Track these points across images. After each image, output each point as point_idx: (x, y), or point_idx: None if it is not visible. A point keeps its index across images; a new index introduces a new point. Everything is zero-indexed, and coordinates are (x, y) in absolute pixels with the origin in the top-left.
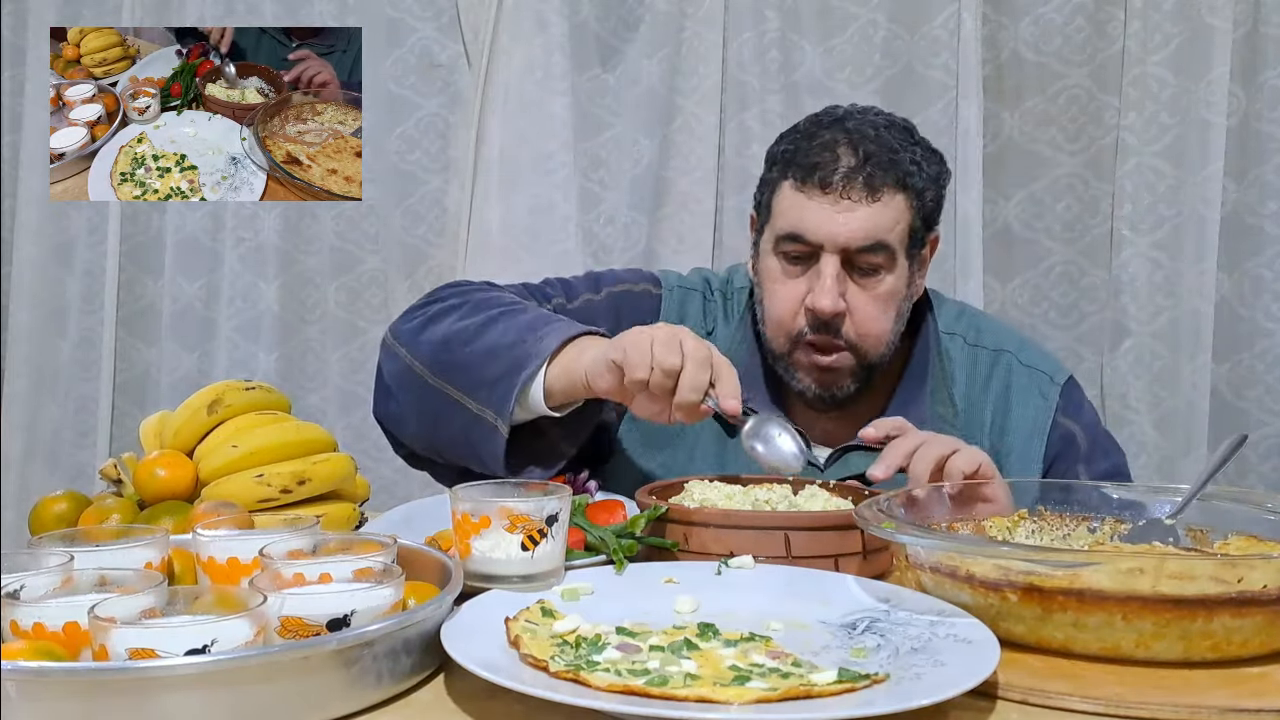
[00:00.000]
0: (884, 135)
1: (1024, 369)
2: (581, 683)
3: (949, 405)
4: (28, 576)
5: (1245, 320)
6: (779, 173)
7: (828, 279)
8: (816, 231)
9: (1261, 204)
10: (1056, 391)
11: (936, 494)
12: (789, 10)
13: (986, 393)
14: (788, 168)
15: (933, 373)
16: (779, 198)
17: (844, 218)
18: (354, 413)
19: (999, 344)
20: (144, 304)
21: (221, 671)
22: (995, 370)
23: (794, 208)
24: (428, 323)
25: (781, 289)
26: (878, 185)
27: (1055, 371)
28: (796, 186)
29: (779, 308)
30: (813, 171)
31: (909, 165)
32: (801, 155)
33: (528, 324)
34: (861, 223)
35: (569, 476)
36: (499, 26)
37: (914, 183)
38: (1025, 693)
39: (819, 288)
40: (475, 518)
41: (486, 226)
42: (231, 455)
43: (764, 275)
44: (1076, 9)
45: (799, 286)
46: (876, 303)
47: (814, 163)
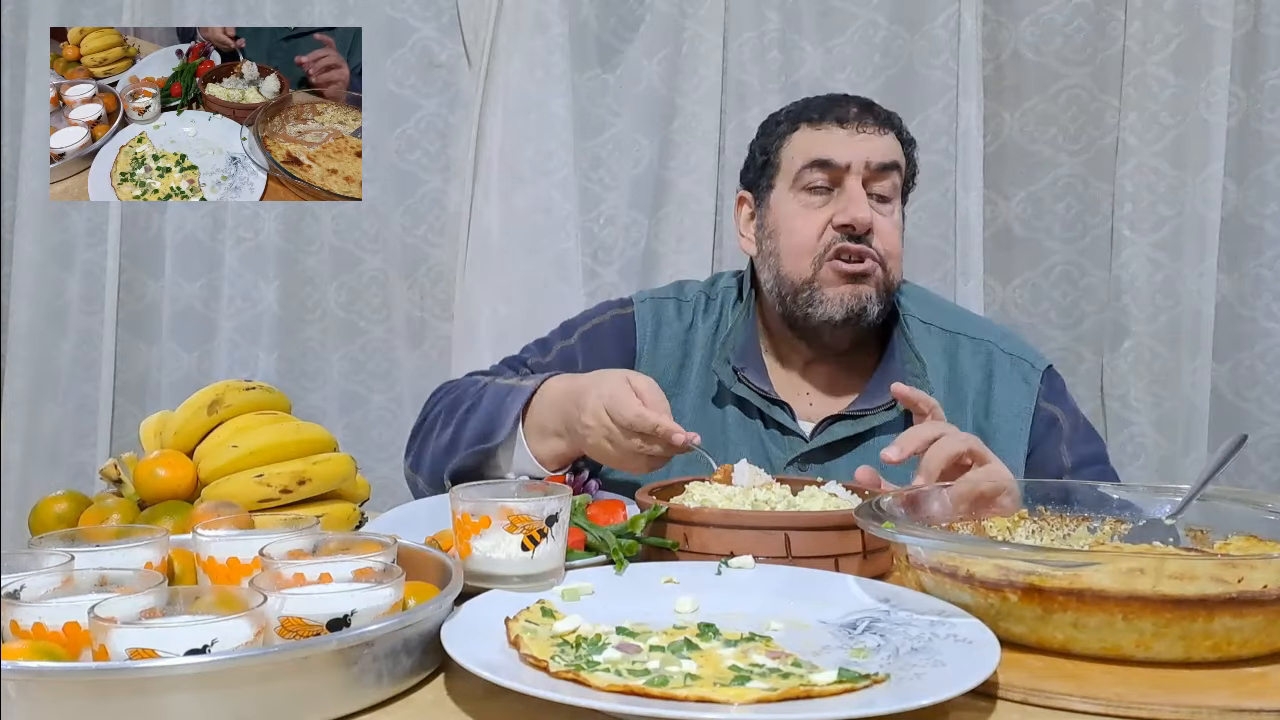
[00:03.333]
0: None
1: (1006, 356)
2: (582, 683)
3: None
4: (28, 576)
5: (1245, 320)
6: (788, 126)
7: (857, 194)
8: (843, 154)
9: (1262, 204)
10: (1038, 377)
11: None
12: (789, 10)
13: (968, 378)
14: (800, 117)
15: (901, 349)
16: (791, 144)
17: (864, 142)
18: (354, 413)
19: (980, 333)
20: (144, 304)
21: (222, 671)
22: (976, 357)
23: (815, 142)
24: (420, 445)
25: (803, 221)
26: (883, 122)
27: (1036, 359)
28: (814, 126)
29: (803, 235)
30: (829, 111)
31: (899, 121)
32: (814, 106)
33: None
34: (880, 144)
35: (569, 476)
36: (499, 26)
37: (905, 137)
38: (1025, 693)
39: (851, 204)
40: (475, 518)
41: (486, 226)
42: (232, 455)
43: (780, 222)
44: (1077, 9)
45: (824, 213)
46: (895, 229)
47: (827, 106)
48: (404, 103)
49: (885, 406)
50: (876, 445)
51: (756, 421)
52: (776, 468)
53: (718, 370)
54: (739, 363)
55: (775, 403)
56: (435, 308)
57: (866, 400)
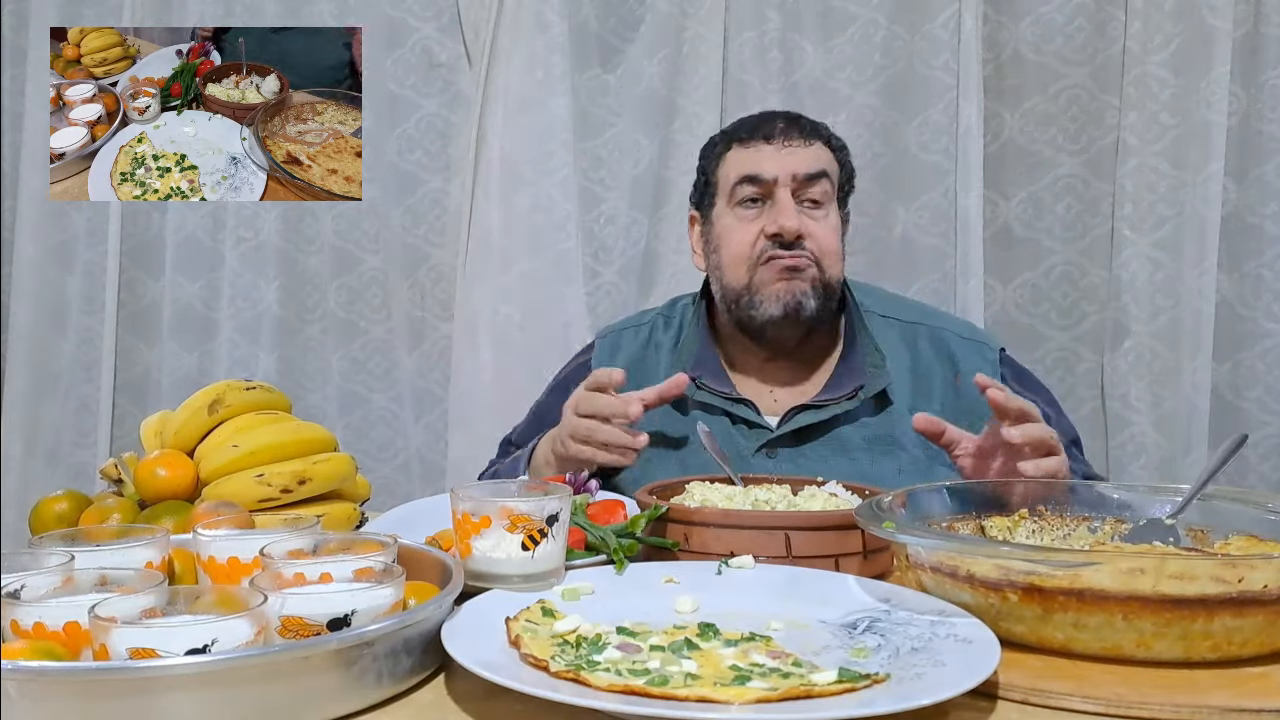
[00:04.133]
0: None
1: (963, 341)
2: (582, 682)
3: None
4: (28, 576)
5: (1245, 320)
6: (721, 147)
7: (785, 204)
8: (771, 168)
9: (1262, 204)
10: (996, 355)
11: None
12: (789, 10)
13: (930, 364)
14: (731, 138)
15: (860, 337)
16: (725, 164)
17: (790, 155)
18: (354, 412)
19: (936, 323)
20: (144, 304)
21: (222, 671)
22: (935, 344)
23: (745, 160)
24: None
25: (738, 233)
26: (808, 135)
27: (991, 340)
28: (743, 145)
29: (738, 245)
30: (756, 130)
31: (827, 130)
32: (743, 127)
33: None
34: (805, 155)
35: (569, 476)
36: (499, 26)
37: (834, 143)
38: (1026, 693)
39: (780, 214)
40: (476, 517)
41: (487, 226)
42: (232, 455)
43: (721, 233)
44: (1077, 9)
45: (757, 224)
46: (829, 231)
47: (754, 125)
48: (404, 103)
49: (847, 396)
50: (841, 434)
51: (723, 419)
52: (745, 458)
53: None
54: (695, 370)
55: (737, 401)
56: (435, 308)
57: (830, 391)
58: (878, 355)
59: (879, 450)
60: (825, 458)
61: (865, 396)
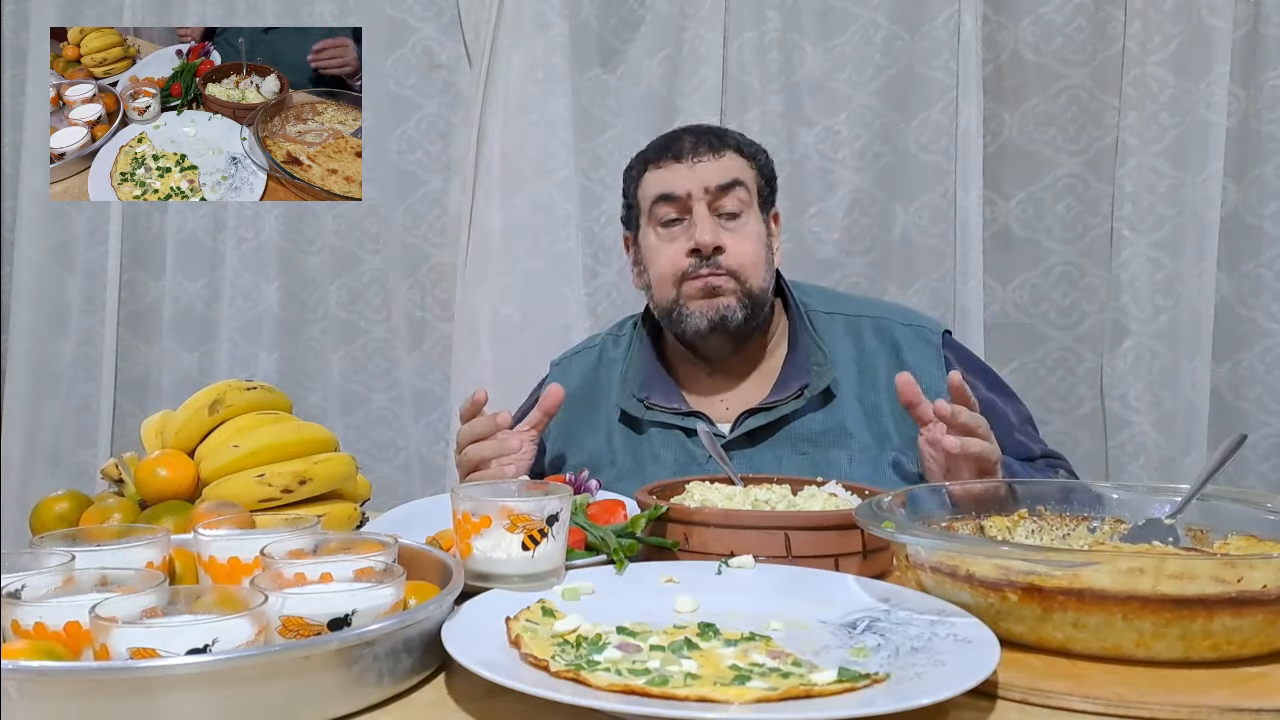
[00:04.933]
0: (710, 125)
1: (905, 328)
2: (582, 682)
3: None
4: (29, 576)
5: (1245, 320)
6: (638, 171)
7: (702, 219)
8: (682, 185)
9: (1261, 204)
10: (939, 338)
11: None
12: (789, 11)
13: (875, 353)
14: (643, 161)
15: (803, 336)
16: (643, 186)
17: (700, 169)
18: (355, 412)
19: (877, 312)
20: (145, 304)
21: (222, 671)
22: (879, 333)
23: (658, 181)
24: None
25: (662, 253)
26: (718, 147)
27: (933, 325)
28: (655, 166)
29: (663, 265)
30: (665, 151)
31: (737, 136)
32: (653, 150)
33: None
34: (715, 168)
35: (569, 476)
36: (500, 26)
37: (745, 149)
38: (1025, 692)
39: (696, 229)
40: (476, 517)
41: (487, 226)
42: (232, 455)
43: (647, 255)
44: (1076, 9)
45: (678, 244)
46: (747, 239)
47: (664, 145)
48: (404, 103)
49: (794, 396)
50: (791, 431)
51: (678, 433)
52: (703, 466)
53: (624, 405)
54: (642, 392)
55: (689, 414)
56: (435, 308)
57: (777, 392)
58: (820, 354)
59: (829, 442)
60: (779, 455)
61: (810, 395)
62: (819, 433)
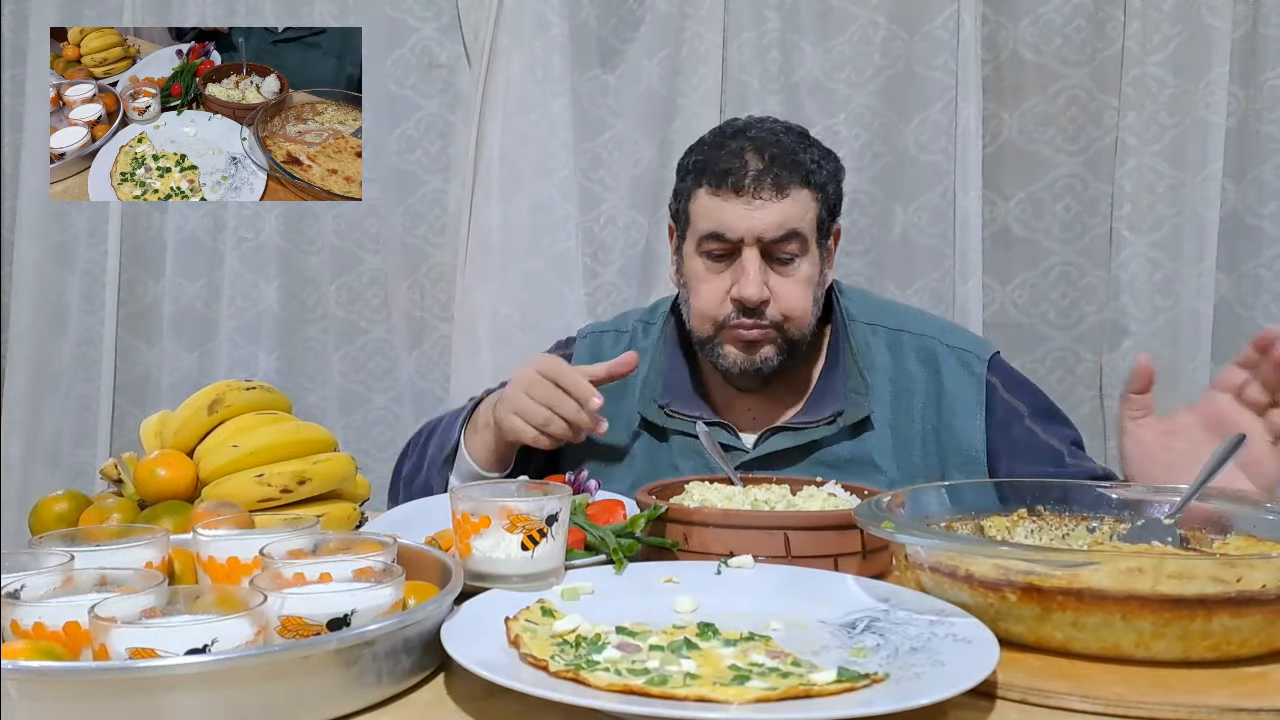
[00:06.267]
0: (783, 140)
1: (949, 350)
2: (581, 682)
3: (859, 379)
4: (28, 576)
5: (1245, 320)
6: (693, 182)
7: (751, 270)
8: (736, 228)
9: (1261, 204)
10: (984, 366)
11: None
12: (789, 10)
13: (914, 376)
14: (701, 176)
15: (844, 357)
16: (695, 205)
17: (758, 214)
18: (354, 412)
19: (922, 329)
20: (144, 304)
21: (222, 671)
22: (921, 354)
23: (712, 211)
24: (394, 481)
25: (706, 286)
26: (784, 183)
27: (980, 349)
28: (711, 192)
29: (705, 302)
30: (725, 177)
31: (810, 164)
32: (713, 163)
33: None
34: (774, 215)
35: (569, 476)
36: (499, 26)
37: (816, 179)
38: (1025, 692)
39: (743, 279)
40: (475, 517)
41: (487, 226)
42: (232, 455)
43: (689, 276)
44: (1076, 9)
45: (724, 281)
46: (796, 287)
47: (725, 169)
48: (404, 103)
49: (825, 421)
50: (819, 458)
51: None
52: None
53: (646, 413)
54: (664, 399)
55: (712, 424)
56: (435, 308)
57: (808, 413)
58: (860, 381)
59: (855, 472)
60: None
61: (843, 424)
62: (845, 459)
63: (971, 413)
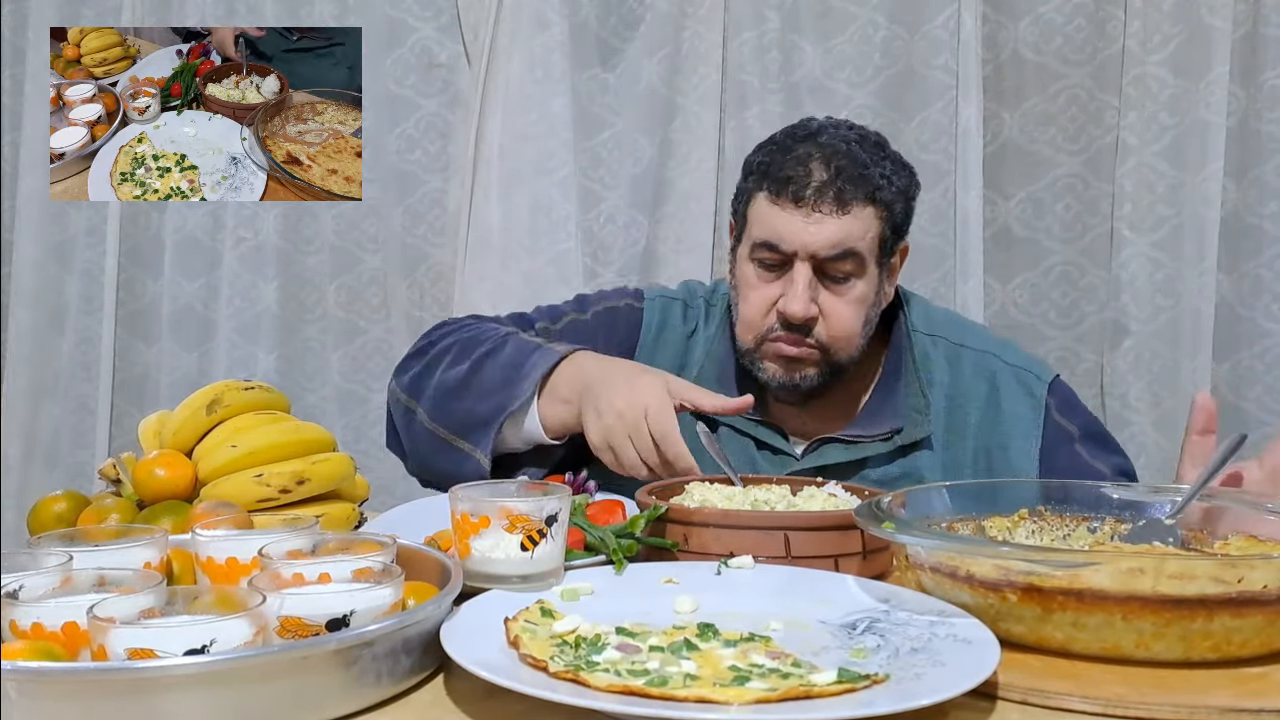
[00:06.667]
0: (855, 150)
1: (1009, 368)
2: (581, 683)
3: (920, 398)
4: (27, 576)
5: (1245, 320)
6: (754, 184)
7: (799, 286)
8: (790, 241)
9: (1261, 204)
10: (1044, 389)
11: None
12: (789, 10)
13: (971, 393)
14: (763, 179)
15: (905, 370)
16: (754, 208)
17: (815, 229)
18: (353, 412)
19: (983, 345)
20: (143, 304)
21: (220, 671)
22: (980, 371)
23: (768, 218)
24: (424, 371)
25: (754, 294)
26: (847, 199)
27: (1041, 370)
28: (771, 199)
29: (751, 310)
30: (786, 184)
31: (878, 179)
32: (776, 168)
33: (510, 362)
34: (832, 233)
35: (569, 476)
36: (499, 26)
37: (883, 196)
38: (1025, 693)
39: (791, 293)
40: (475, 517)
41: (486, 226)
42: (230, 455)
43: (740, 280)
44: (1076, 9)
45: (772, 291)
46: (848, 308)
47: (787, 176)
48: (404, 102)
49: (881, 437)
50: (869, 474)
51: (749, 441)
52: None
53: None
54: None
55: (764, 424)
56: (435, 308)
57: (862, 426)
58: (922, 399)
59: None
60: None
61: (901, 443)
62: (895, 478)
63: (1028, 436)
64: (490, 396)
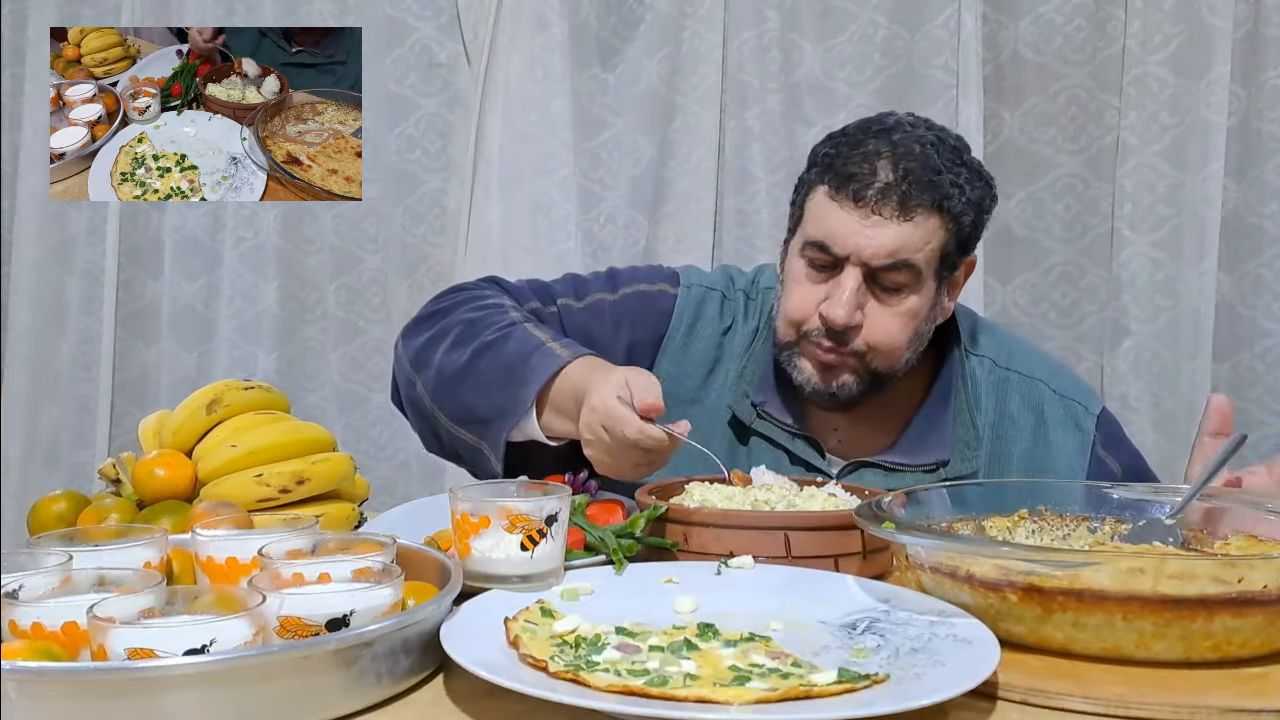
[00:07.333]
0: (928, 153)
1: (1057, 398)
2: (581, 683)
3: (970, 429)
4: (27, 576)
5: (1245, 320)
6: (816, 175)
7: (846, 291)
8: (843, 243)
9: (1261, 204)
10: (1092, 422)
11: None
12: (789, 10)
13: (1016, 420)
14: (825, 172)
15: (956, 394)
16: (812, 201)
17: (871, 233)
18: (353, 412)
19: (1030, 370)
20: (143, 304)
21: (220, 671)
22: (1027, 398)
23: (824, 215)
24: (428, 344)
25: (800, 290)
26: (911, 205)
27: (1089, 401)
28: (830, 194)
29: (794, 307)
30: (848, 181)
31: (949, 188)
32: (841, 162)
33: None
34: (888, 240)
35: (569, 476)
36: (499, 26)
37: (951, 206)
38: (1025, 693)
39: (836, 298)
40: (475, 517)
41: (486, 226)
42: (230, 455)
43: (788, 273)
44: (1076, 9)
45: (818, 291)
46: (895, 320)
47: (851, 172)
48: (404, 102)
49: (925, 468)
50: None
51: (782, 454)
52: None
53: (736, 408)
54: (758, 396)
55: (800, 437)
56: None
57: (904, 452)
58: (972, 431)
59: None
60: None
61: (946, 476)
62: None
63: (1072, 471)
64: (488, 395)
